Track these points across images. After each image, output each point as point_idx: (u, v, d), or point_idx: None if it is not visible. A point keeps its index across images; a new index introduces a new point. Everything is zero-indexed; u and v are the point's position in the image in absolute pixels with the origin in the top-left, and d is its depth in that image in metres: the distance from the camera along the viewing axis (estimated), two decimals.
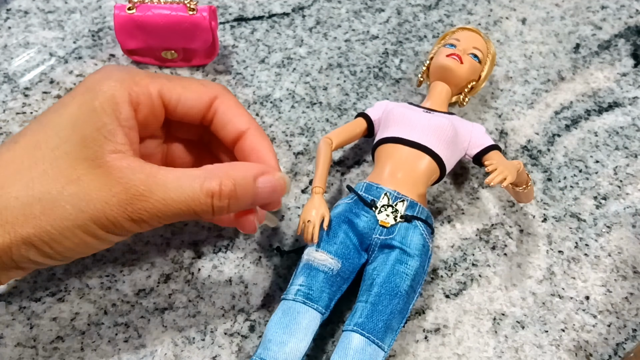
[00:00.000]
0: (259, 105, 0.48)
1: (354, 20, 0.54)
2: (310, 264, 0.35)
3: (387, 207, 0.37)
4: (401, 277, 0.34)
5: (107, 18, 0.52)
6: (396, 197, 0.37)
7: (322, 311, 0.34)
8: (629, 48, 0.54)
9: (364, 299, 0.34)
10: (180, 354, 0.36)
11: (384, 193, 0.37)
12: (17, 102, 0.47)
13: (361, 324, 0.33)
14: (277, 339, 0.32)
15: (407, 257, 0.35)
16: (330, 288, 0.35)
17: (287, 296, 0.34)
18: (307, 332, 0.33)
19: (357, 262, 0.36)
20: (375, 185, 0.38)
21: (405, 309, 0.35)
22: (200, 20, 0.45)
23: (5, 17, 0.52)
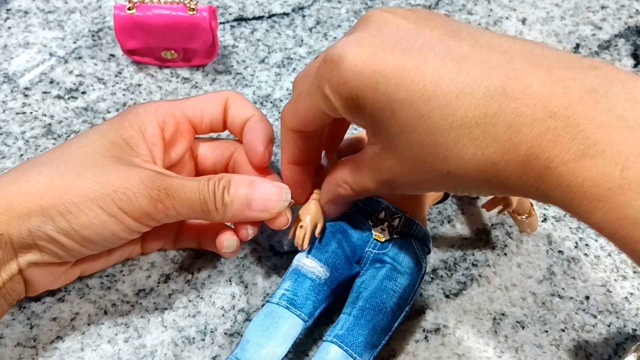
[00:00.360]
0: (259, 105, 0.48)
1: (354, 20, 0.54)
2: (299, 269, 0.35)
3: (383, 222, 0.36)
4: (388, 294, 0.34)
5: (107, 18, 0.52)
6: (394, 213, 0.36)
7: (304, 318, 0.33)
8: (629, 48, 0.54)
9: (347, 312, 0.34)
10: (180, 354, 0.36)
11: (382, 207, 0.36)
12: (17, 102, 0.47)
13: (341, 336, 0.32)
14: (255, 341, 0.32)
15: (397, 274, 0.34)
16: (316, 296, 0.34)
17: (271, 299, 0.34)
18: (287, 337, 0.32)
19: (348, 273, 0.36)
20: (375, 198, 0.37)
21: (388, 327, 0.34)
22: (200, 20, 0.45)
23: (5, 17, 0.52)
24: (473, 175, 0.25)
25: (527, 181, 0.24)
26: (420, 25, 0.27)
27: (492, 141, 0.24)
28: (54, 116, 0.46)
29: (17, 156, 0.44)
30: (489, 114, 0.24)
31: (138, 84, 0.49)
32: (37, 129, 0.45)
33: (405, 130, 0.26)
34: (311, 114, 0.30)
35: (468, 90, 0.24)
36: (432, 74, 0.24)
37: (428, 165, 0.26)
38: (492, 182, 0.25)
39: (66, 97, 0.47)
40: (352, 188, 0.32)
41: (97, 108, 0.47)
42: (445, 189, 0.30)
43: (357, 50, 0.26)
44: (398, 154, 0.27)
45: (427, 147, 0.25)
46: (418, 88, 0.25)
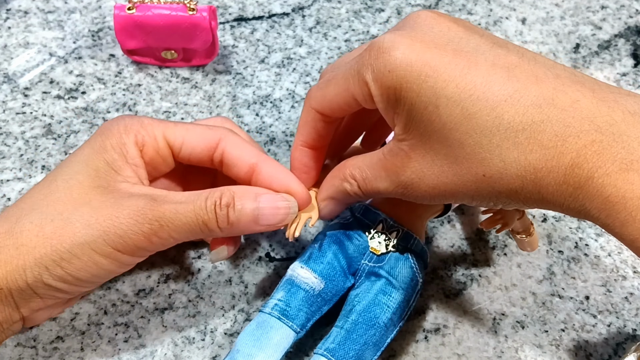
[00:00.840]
0: (258, 105, 0.48)
1: (353, 20, 0.54)
2: (293, 280, 0.34)
3: (380, 234, 0.35)
4: (382, 309, 0.33)
5: (107, 18, 0.52)
6: (392, 226, 0.35)
7: (296, 330, 0.33)
8: (629, 48, 0.54)
9: (340, 325, 0.33)
10: (180, 354, 0.36)
11: (380, 219, 0.36)
12: (17, 102, 0.47)
13: (332, 350, 0.32)
14: (245, 351, 0.31)
15: (392, 288, 0.34)
16: (309, 307, 0.33)
17: (264, 309, 0.33)
18: (278, 348, 0.32)
19: (342, 285, 0.35)
20: (373, 210, 0.36)
21: (381, 342, 0.33)
22: (200, 21, 0.45)
23: (5, 17, 0.52)
24: (509, 181, 0.25)
25: (566, 190, 0.24)
26: (469, 30, 0.28)
27: (538, 147, 0.24)
28: (54, 116, 0.46)
29: (17, 156, 0.44)
30: (536, 121, 0.24)
31: (138, 84, 0.49)
32: (37, 129, 0.45)
33: (447, 128, 0.26)
34: (340, 99, 0.29)
35: (517, 96, 0.25)
36: (483, 76, 0.25)
37: (463, 166, 0.26)
38: (528, 189, 0.25)
39: (66, 97, 0.47)
40: (360, 186, 0.31)
41: (97, 108, 0.47)
42: (467, 198, 0.28)
43: (409, 42, 0.26)
44: (431, 152, 0.27)
45: (467, 146, 0.25)
46: (468, 87, 0.25)
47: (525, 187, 0.25)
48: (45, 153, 0.44)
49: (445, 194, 0.28)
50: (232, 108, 0.48)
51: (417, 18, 0.29)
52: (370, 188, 0.31)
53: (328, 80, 0.30)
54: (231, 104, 0.48)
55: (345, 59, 0.31)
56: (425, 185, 0.28)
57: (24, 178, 0.43)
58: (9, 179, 0.43)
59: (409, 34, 0.27)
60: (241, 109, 0.48)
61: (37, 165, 0.44)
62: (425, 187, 0.28)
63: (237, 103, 0.48)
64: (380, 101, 0.28)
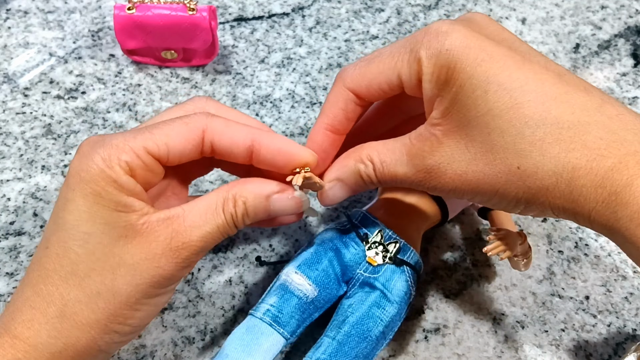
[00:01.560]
0: (258, 105, 0.48)
1: (353, 20, 0.54)
2: (287, 285, 0.33)
3: (378, 245, 0.35)
4: (375, 322, 0.33)
5: (106, 18, 0.52)
6: (390, 237, 0.35)
7: (287, 336, 0.32)
8: (629, 48, 0.54)
9: (331, 335, 0.32)
10: (180, 354, 0.36)
11: (378, 230, 0.35)
12: (17, 102, 0.47)
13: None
14: (234, 356, 0.31)
15: (386, 302, 0.33)
16: (302, 314, 0.33)
17: (255, 313, 0.33)
18: (267, 355, 0.31)
19: (335, 293, 0.34)
20: (371, 219, 0.36)
21: (371, 354, 0.33)
22: (199, 21, 0.45)
23: (5, 17, 0.52)
24: (543, 176, 0.25)
25: (600, 195, 0.24)
26: (519, 39, 0.29)
27: (580, 146, 0.24)
28: (53, 116, 0.46)
29: (17, 156, 0.44)
30: (582, 122, 0.25)
31: (138, 84, 0.49)
32: (37, 129, 0.45)
33: (491, 114, 0.26)
34: (383, 78, 0.29)
35: (567, 97, 0.25)
36: (536, 73, 0.26)
37: (499, 155, 0.26)
38: (560, 188, 0.25)
39: (66, 97, 0.47)
40: (375, 169, 0.30)
41: (97, 108, 0.47)
42: (490, 192, 0.27)
43: (467, 30, 0.27)
44: (467, 137, 0.26)
45: (508, 136, 0.25)
46: (521, 79, 0.25)
47: (559, 185, 0.25)
48: (45, 153, 0.44)
49: (470, 184, 0.27)
50: (232, 108, 0.48)
51: (472, 17, 0.29)
52: (387, 172, 0.29)
53: (370, 59, 0.30)
54: (231, 104, 0.48)
55: (386, 47, 0.30)
56: (452, 171, 0.27)
57: (24, 178, 0.43)
58: (9, 179, 0.43)
59: (467, 24, 0.28)
60: (241, 109, 0.48)
61: (37, 166, 0.44)
62: (452, 174, 0.27)
63: (237, 103, 0.48)
64: (429, 80, 0.27)
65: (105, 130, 0.46)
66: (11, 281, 0.38)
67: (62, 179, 0.43)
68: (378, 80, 0.29)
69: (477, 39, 0.27)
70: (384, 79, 0.29)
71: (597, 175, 0.24)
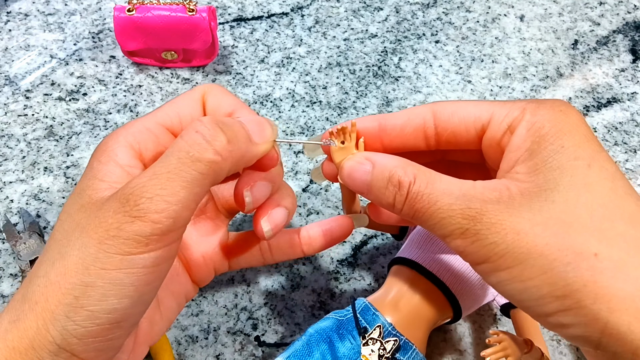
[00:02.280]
0: (259, 105, 0.48)
1: (352, 19, 0.54)
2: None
3: (375, 342, 0.32)
4: None
5: (107, 20, 0.53)
6: (389, 333, 0.32)
7: None
8: (628, 44, 0.54)
9: None
10: (183, 352, 0.37)
11: (378, 324, 0.32)
12: (19, 104, 0.47)
13: None
14: None
15: None
16: None
17: None
18: None
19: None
20: (372, 311, 0.33)
21: None
22: (199, 21, 0.46)
23: (6, 19, 0.52)
24: (624, 279, 0.21)
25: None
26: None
27: None
28: (55, 118, 0.46)
29: (20, 158, 0.44)
30: None
31: (139, 85, 0.49)
32: (39, 131, 0.46)
33: (589, 189, 0.22)
34: (472, 115, 0.26)
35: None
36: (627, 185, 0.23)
37: (579, 233, 0.21)
38: (633, 306, 0.21)
39: (67, 98, 0.48)
40: (415, 183, 0.24)
41: (98, 109, 0.47)
42: (539, 272, 0.22)
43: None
44: (548, 201, 0.22)
45: (600, 218, 0.22)
46: (624, 180, 0.23)
47: (635, 303, 0.20)
48: (48, 155, 0.44)
49: (520, 248, 0.22)
50: None
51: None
52: (426, 194, 0.24)
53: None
54: None
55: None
56: (509, 224, 0.22)
57: (26, 180, 0.43)
58: (11, 180, 0.43)
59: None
60: None
61: (40, 167, 0.44)
62: (506, 226, 0.22)
63: None
64: (527, 127, 0.24)
65: (107, 132, 0.46)
66: (15, 282, 0.39)
67: (64, 180, 0.43)
68: (466, 114, 0.26)
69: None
70: (473, 116, 0.25)
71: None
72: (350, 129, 0.26)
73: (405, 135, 0.27)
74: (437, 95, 0.49)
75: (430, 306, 0.33)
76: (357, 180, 0.26)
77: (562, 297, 0.21)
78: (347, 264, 0.41)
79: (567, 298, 0.21)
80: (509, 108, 0.25)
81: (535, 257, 0.21)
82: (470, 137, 0.26)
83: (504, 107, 0.25)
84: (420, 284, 0.34)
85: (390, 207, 0.25)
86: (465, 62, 0.52)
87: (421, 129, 0.27)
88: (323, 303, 0.39)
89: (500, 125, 0.25)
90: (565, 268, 0.21)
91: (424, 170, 0.24)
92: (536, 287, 0.22)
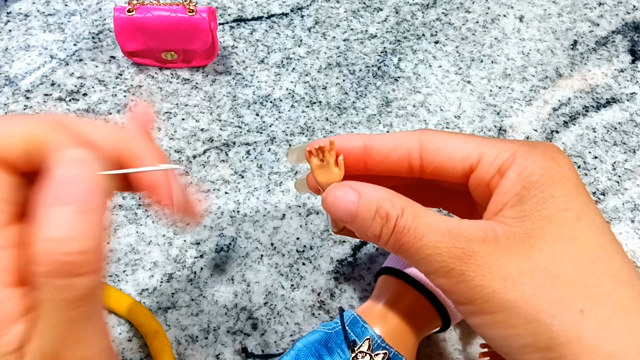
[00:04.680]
0: (259, 105, 0.48)
1: (352, 19, 0.54)
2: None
3: (365, 355, 0.31)
4: None
5: (107, 20, 0.53)
6: (379, 346, 0.31)
7: None
8: (627, 44, 0.54)
9: None
10: (183, 352, 0.37)
11: (367, 337, 0.32)
12: (19, 105, 0.47)
13: None
14: None
15: None
16: None
17: None
18: None
19: None
20: (361, 323, 0.33)
21: None
22: (199, 22, 0.46)
23: (6, 20, 0.52)
24: (611, 339, 0.21)
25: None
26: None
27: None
28: None
29: None
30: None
31: (139, 85, 0.49)
32: None
33: (579, 243, 0.22)
34: (459, 153, 0.25)
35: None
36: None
37: (566, 287, 0.21)
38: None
39: (67, 99, 0.48)
40: (402, 216, 0.24)
41: (98, 110, 0.47)
42: (523, 321, 0.21)
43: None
44: (535, 249, 0.22)
45: (588, 274, 0.21)
46: (612, 237, 0.23)
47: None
48: None
49: (505, 293, 0.21)
50: (233, 108, 0.48)
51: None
52: (412, 228, 0.23)
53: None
54: (231, 104, 0.48)
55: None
56: (496, 269, 0.22)
57: None
58: None
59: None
60: (241, 109, 0.48)
61: None
62: (492, 270, 0.22)
63: (237, 103, 0.48)
64: (518, 172, 0.23)
65: None
66: None
67: None
68: (454, 151, 0.25)
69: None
70: (461, 155, 0.25)
71: None
72: (329, 147, 0.26)
73: (390, 162, 0.27)
74: (436, 95, 0.50)
75: (418, 316, 0.33)
76: (341, 210, 0.25)
77: (545, 349, 0.21)
78: (347, 263, 0.41)
79: (550, 351, 0.21)
80: (500, 149, 0.24)
81: (521, 306, 0.21)
82: (457, 174, 0.25)
83: (494, 147, 0.24)
84: (408, 294, 0.34)
85: (376, 239, 0.25)
86: (464, 63, 0.52)
87: (406, 159, 0.26)
88: (323, 303, 0.39)
89: (490, 166, 0.24)
90: (552, 321, 0.21)
91: (412, 203, 0.24)
92: (520, 336, 0.21)
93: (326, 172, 0.26)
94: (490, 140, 0.25)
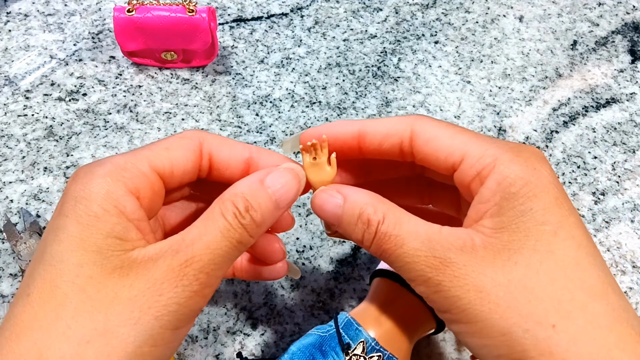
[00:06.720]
0: (258, 105, 0.48)
1: (352, 19, 0.54)
2: None
3: (359, 358, 0.31)
4: None
5: (106, 20, 0.53)
6: (373, 349, 0.31)
7: None
8: (626, 44, 0.54)
9: None
10: (183, 352, 0.37)
11: (361, 340, 0.31)
12: (19, 105, 0.47)
13: None
14: None
15: None
16: None
17: None
18: None
19: None
20: (355, 325, 0.32)
21: None
22: (199, 22, 0.46)
23: (6, 20, 0.52)
24: (579, 352, 0.21)
25: None
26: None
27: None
28: (55, 118, 0.47)
29: (19, 158, 0.44)
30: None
31: (139, 85, 0.49)
32: (39, 131, 0.46)
33: (553, 258, 0.22)
34: (445, 151, 0.25)
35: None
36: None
37: (538, 302, 0.22)
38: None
39: (67, 99, 0.48)
40: (384, 223, 0.24)
41: (98, 109, 0.47)
42: (497, 334, 0.22)
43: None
44: (511, 261, 0.22)
45: (562, 289, 0.22)
46: (596, 254, 0.23)
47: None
48: (47, 155, 0.44)
49: (478, 306, 0.22)
50: (232, 108, 0.48)
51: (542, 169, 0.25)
52: (393, 235, 0.24)
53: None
54: (231, 104, 0.48)
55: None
56: (471, 280, 0.22)
57: (26, 180, 0.43)
58: (11, 180, 0.43)
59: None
60: (241, 109, 0.48)
61: (39, 167, 0.44)
62: (469, 281, 0.22)
63: (237, 103, 0.48)
64: (498, 181, 0.23)
65: (107, 131, 0.46)
66: (15, 282, 0.39)
67: (64, 180, 0.43)
68: (439, 147, 0.26)
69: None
70: (445, 152, 0.25)
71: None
72: (322, 144, 0.26)
73: (383, 149, 0.27)
74: (436, 95, 0.50)
75: (413, 319, 0.33)
76: (328, 212, 0.26)
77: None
78: (347, 263, 0.41)
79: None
80: (483, 152, 0.24)
81: (495, 318, 0.22)
82: (442, 168, 0.26)
83: (478, 148, 0.24)
84: (402, 297, 0.33)
85: (360, 243, 0.25)
86: (464, 63, 0.52)
87: (398, 145, 0.27)
88: (323, 303, 0.39)
89: (470, 169, 0.24)
90: (524, 334, 0.21)
91: (394, 209, 0.25)
92: (495, 346, 0.22)
93: (318, 170, 0.27)
94: (477, 139, 0.25)
